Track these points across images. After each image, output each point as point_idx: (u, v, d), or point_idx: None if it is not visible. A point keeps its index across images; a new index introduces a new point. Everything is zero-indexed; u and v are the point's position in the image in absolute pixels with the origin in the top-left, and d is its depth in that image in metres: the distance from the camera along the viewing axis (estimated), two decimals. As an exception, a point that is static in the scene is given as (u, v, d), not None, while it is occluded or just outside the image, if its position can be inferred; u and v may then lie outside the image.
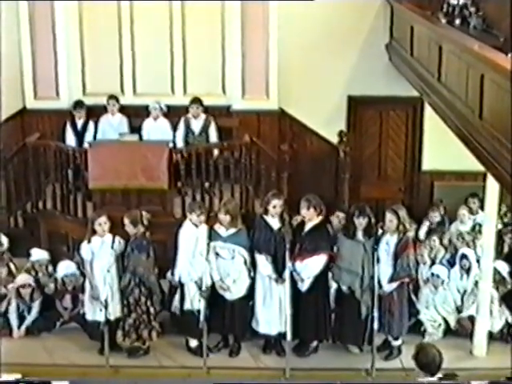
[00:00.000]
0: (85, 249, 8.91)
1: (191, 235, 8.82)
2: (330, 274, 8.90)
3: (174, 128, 11.21)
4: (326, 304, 8.94)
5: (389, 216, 8.70)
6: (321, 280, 8.81)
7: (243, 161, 10.57)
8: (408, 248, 8.65)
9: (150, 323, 8.86)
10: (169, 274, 9.14)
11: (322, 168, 11.64)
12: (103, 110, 11.32)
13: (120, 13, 11.46)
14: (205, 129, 11.18)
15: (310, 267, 8.69)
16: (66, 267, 9.64)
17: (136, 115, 11.38)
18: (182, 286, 8.91)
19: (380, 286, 8.65)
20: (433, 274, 9.55)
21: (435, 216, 10.97)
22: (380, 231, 8.85)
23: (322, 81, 11.47)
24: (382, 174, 12.15)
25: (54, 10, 11.35)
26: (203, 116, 11.20)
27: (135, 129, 11.20)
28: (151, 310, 8.85)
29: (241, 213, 9.21)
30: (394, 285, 8.69)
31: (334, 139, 11.39)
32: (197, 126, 11.18)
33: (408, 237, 8.74)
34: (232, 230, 8.83)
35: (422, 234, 10.78)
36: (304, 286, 8.76)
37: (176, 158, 10.30)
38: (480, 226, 10.03)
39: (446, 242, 10.46)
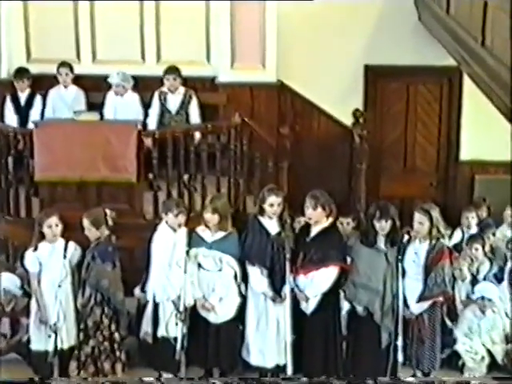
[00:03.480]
0: (30, 258, 8.96)
1: (167, 241, 8.90)
2: (341, 292, 8.91)
3: (146, 105, 11.20)
4: (336, 330, 8.97)
5: (418, 217, 8.75)
6: (330, 299, 8.87)
7: (232, 147, 10.57)
8: (443, 258, 8.72)
9: (113, 353, 8.93)
10: (137, 291, 9.14)
11: (331, 157, 11.72)
12: (53, 80, 11.27)
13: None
14: (184, 106, 11.19)
15: (316, 283, 8.76)
16: (5, 280, 9.57)
17: (96, 88, 11.36)
18: (155, 306, 8.94)
19: (406, 307, 8.69)
20: (483, 298, 9.46)
21: (472, 217, 10.92)
22: (406, 237, 8.87)
23: (333, 46, 11.58)
24: (408, 165, 12.30)
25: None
26: (182, 90, 11.20)
27: (95, 105, 11.18)
28: (116, 335, 8.92)
29: (230, 213, 9.21)
30: (425, 305, 8.75)
31: (348, 120, 11.47)
32: (174, 102, 11.18)
33: (443, 244, 8.82)
34: (220, 234, 8.90)
35: (455, 241, 10.74)
36: (309, 307, 8.82)
37: (147, 142, 10.29)
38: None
39: (490, 251, 10.41)
